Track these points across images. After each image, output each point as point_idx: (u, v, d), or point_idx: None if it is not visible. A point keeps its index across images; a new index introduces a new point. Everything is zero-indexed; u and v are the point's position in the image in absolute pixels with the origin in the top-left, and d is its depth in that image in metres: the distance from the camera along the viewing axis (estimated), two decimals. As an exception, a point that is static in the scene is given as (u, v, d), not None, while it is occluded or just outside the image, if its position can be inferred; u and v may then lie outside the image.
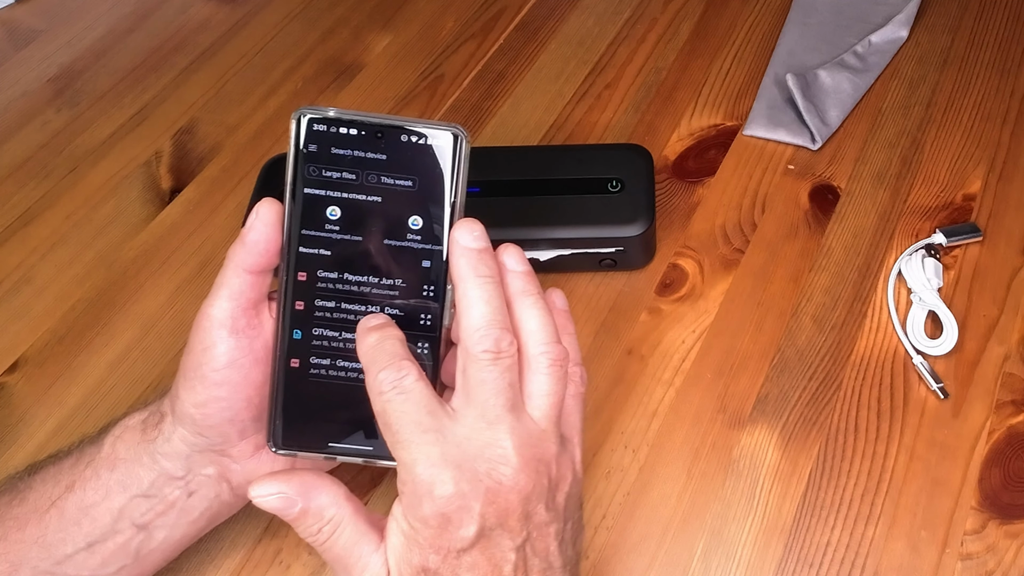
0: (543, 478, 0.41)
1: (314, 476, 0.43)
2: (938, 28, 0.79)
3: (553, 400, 0.42)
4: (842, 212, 0.67)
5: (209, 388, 0.43)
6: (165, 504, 0.45)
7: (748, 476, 0.55)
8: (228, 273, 0.43)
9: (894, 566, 0.51)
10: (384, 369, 0.40)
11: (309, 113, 0.42)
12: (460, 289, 0.42)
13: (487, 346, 0.40)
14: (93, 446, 0.46)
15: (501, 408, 0.40)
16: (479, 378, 0.40)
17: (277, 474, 0.43)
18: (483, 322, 0.41)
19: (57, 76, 0.84)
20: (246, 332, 0.43)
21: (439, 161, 0.43)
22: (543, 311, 0.43)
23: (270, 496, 0.42)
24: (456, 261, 0.42)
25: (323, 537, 0.42)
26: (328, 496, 0.42)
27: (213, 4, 0.90)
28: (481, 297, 0.41)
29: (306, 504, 0.42)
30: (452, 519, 0.39)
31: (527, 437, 0.41)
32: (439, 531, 0.39)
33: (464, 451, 0.40)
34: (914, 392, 0.58)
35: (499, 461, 0.40)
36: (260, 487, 0.42)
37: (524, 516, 0.40)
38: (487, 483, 0.40)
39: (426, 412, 0.40)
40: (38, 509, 0.45)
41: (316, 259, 0.43)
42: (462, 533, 0.39)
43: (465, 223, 0.43)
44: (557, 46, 0.82)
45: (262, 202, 0.43)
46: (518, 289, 0.43)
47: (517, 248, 0.44)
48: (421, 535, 0.40)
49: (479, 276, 0.42)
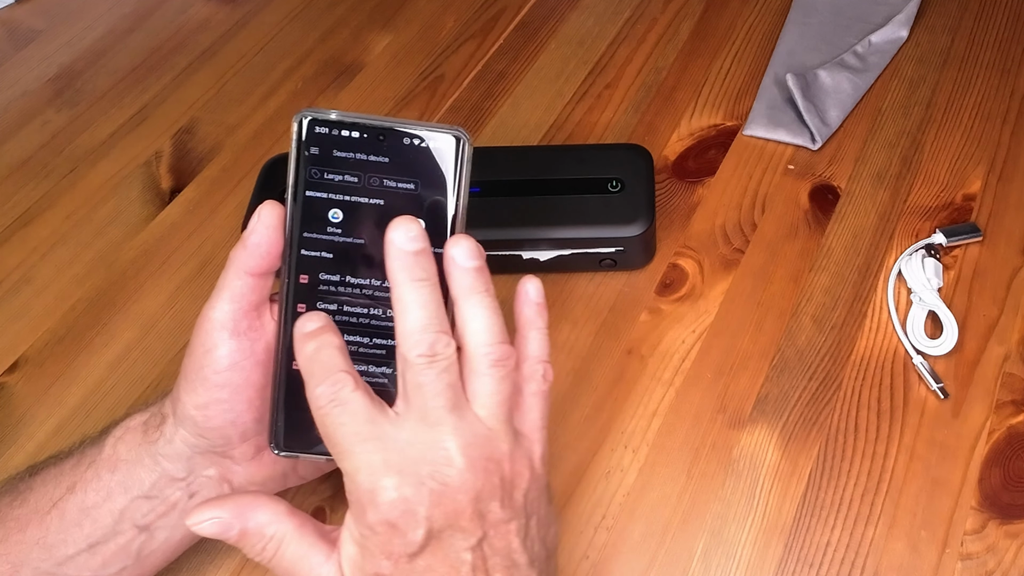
0: (493, 476, 0.41)
1: (251, 497, 0.43)
2: (938, 28, 0.79)
3: (499, 399, 0.41)
4: (842, 212, 0.67)
5: (210, 390, 0.43)
6: (166, 505, 0.45)
7: (748, 476, 0.55)
8: (230, 275, 0.43)
9: (894, 566, 0.51)
10: (320, 384, 0.40)
11: (311, 115, 0.42)
12: (395, 293, 0.40)
13: (422, 350, 0.39)
14: (94, 447, 0.46)
15: (441, 410, 0.40)
16: (416, 382, 0.40)
17: (212, 500, 0.42)
18: (417, 326, 0.40)
19: (57, 76, 0.84)
20: (248, 334, 0.43)
21: (441, 164, 0.43)
22: (488, 309, 0.42)
23: (205, 523, 0.42)
24: (391, 264, 0.40)
25: (268, 554, 0.42)
26: (267, 514, 0.42)
27: (213, 4, 0.90)
28: (416, 301, 0.40)
29: (243, 525, 0.42)
30: (398, 525, 0.39)
31: (472, 437, 0.40)
32: (387, 537, 0.39)
33: (406, 456, 0.39)
34: (914, 392, 0.58)
35: (442, 463, 0.39)
36: (195, 515, 0.42)
37: (477, 515, 0.40)
38: (431, 486, 0.39)
39: (364, 421, 0.40)
40: (39, 510, 0.45)
41: (318, 262, 0.43)
42: (410, 537, 0.39)
43: (402, 224, 0.41)
44: (557, 46, 0.82)
45: (264, 204, 0.43)
46: (465, 286, 0.41)
47: (470, 240, 0.42)
48: (371, 542, 0.40)
49: (414, 280, 0.40)
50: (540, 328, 0.45)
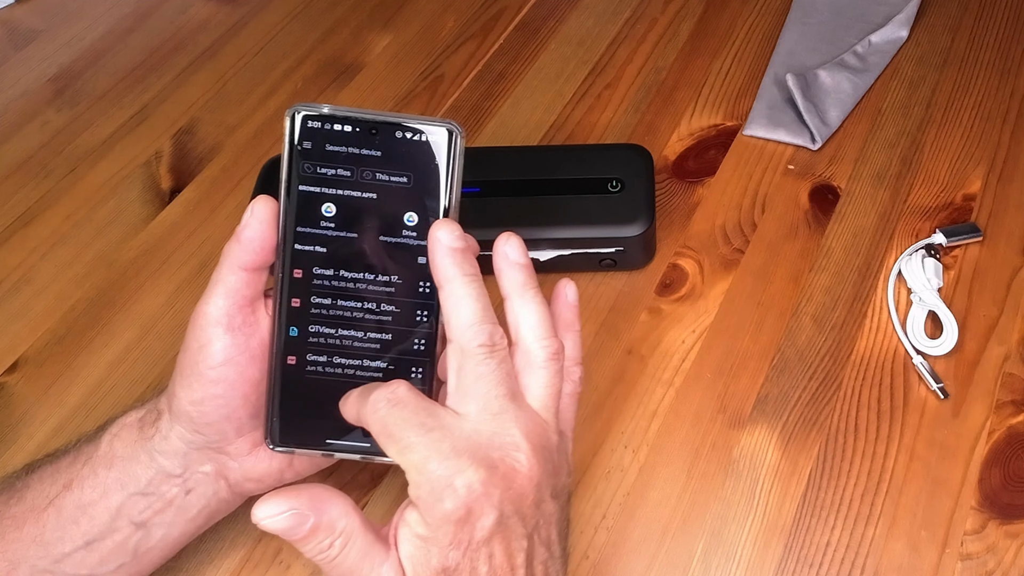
0: (549, 465, 0.41)
1: (321, 488, 0.40)
2: (938, 28, 0.79)
3: (551, 392, 0.42)
4: (842, 212, 0.67)
5: (206, 386, 0.43)
6: (163, 502, 0.45)
7: (748, 476, 0.55)
8: (224, 271, 0.43)
9: (894, 566, 0.51)
10: (374, 391, 0.40)
11: (303, 110, 0.42)
12: (448, 289, 0.41)
13: (482, 340, 0.40)
14: (90, 444, 0.46)
15: (503, 398, 0.40)
16: (477, 372, 0.40)
17: (282, 491, 0.39)
18: (475, 318, 0.41)
19: (57, 76, 0.84)
20: (242, 329, 0.43)
21: (434, 157, 0.43)
22: (541, 305, 0.43)
23: (280, 515, 0.38)
24: (441, 261, 0.41)
25: (334, 552, 0.39)
26: (338, 508, 0.40)
27: (213, 4, 0.90)
28: (470, 295, 0.41)
29: (318, 519, 0.39)
30: (473, 510, 0.39)
31: (532, 425, 0.41)
32: (460, 525, 0.39)
33: (474, 443, 0.39)
34: (914, 392, 0.58)
35: (511, 448, 0.40)
36: (267, 507, 0.39)
37: (535, 503, 0.41)
38: (503, 469, 0.39)
39: (426, 414, 0.40)
40: (36, 508, 0.45)
41: (312, 256, 0.43)
42: (483, 523, 0.39)
43: (444, 224, 0.42)
44: (557, 46, 0.82)
45: (257, 199, 0.43)
46: (518, 282, 0.43)
47: (518, 239, 0.44)
48: (441, 533, 0.39)
49: (465, 275, 0.41)
50: (576, 331, 0.47)
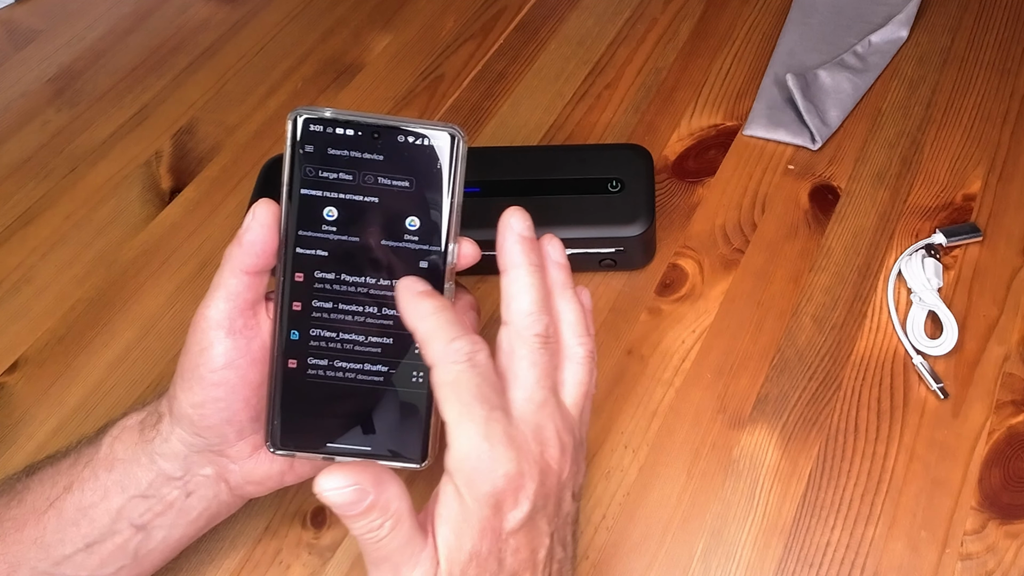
0: (572, 464, 0.42)
1: (381, 468, 0.39)
2: (938, 28, 0.79)
3: (584, 390, 0.43)
4: (842, 212, 0.67)
5: (206, 389, 0.43)
6: (163, 504, 0.45)
7: (748, 476, 0.55)
8: (225, 274, 0.43)
9: (894, 566, 0.51)
10: (459, 339, 0.39)
11: (305, 113, 0.42)
12: (513, 274, 0.42)
13: (539, 330, 0.41)
14: (91, 447, 0.46)
15: (548, 391, 0.41)
16: (531, 360, 0.41)
17: (343, 466, 0.38)
18: (535, 307, 0.42)
19: (57, 76, 0.84)
20: (243, 333, 0.43)
21: (436, 161, 0.43)
22: (579, 305, 0.44)
23: (345, 489, 0.37)
24: (511, 247, 0.42)
25: (383, 533, 0.38)
26: (395, 489, 0.39)
27: (213, 4, 0.90)
28: (533, 284, 0.42)
29: (377, 497, 0.38)
30: (507, 499, 0.39)
31: (563, 423, 0.42)
32: (495, 511, 0.39)
33: (521, 432, 0.40)
34: (914, 392, 0.58)
35: (548, 444, 0.40)
36: (330, 479, 0.37)
37: (559, 502, 0.41)
38: (540, 464, 0.40)
39: (493, 390, 0.40)
40: (36, 510, 0.45)
41: (313, 260, 0.43)
42: (515, 514, 0.39)
43: (517, 212, 0.43)
44: (557, 46, 0.82)
45: (258, 203, 0.43)
46: (560, 281, 0.44)
47: (559, 241, 0.45)
48: (475, 516, 0.38)
49: (531, 264, 0.42)
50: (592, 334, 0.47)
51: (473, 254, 0.45)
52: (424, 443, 0.45)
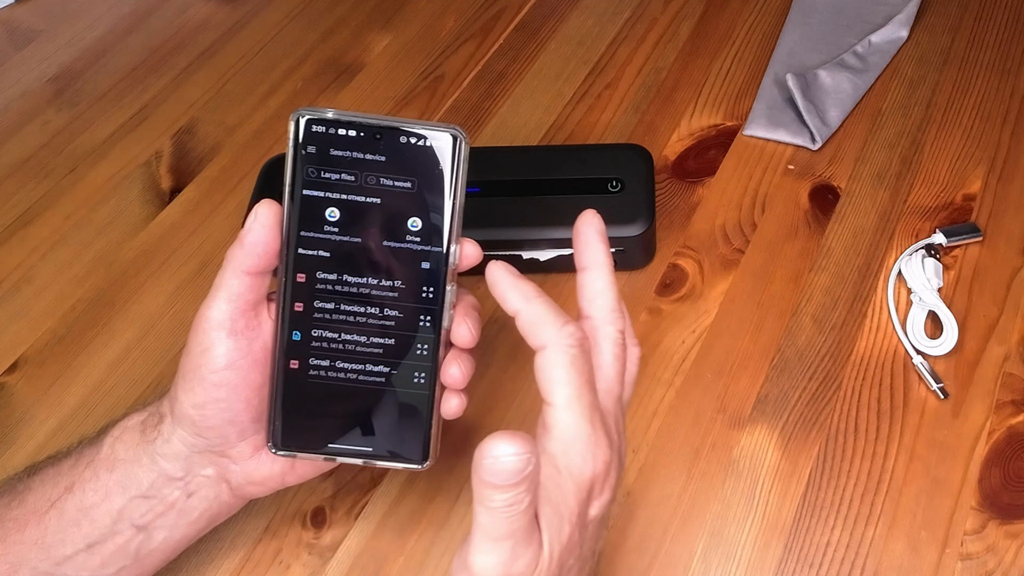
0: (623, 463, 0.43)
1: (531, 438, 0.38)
2: (938, 28, 0.79)
3: (631, 391, 0.44)
4: (842, 212, 0.67)
5: (208, 389, 0.43)
6: (164, 505, 0.45)
7: (748, 476, 0.55)
8: (227, 275, 0.43)
9: (894, 566, 0.51)
10: (569, 323, 0.40)
11: (307, 114, 0.42)
12: (597, 271, 0.42)
13: (621, 327, 0.42)
14: (92, 447, 0.46)
15: (620, 387, 0.42)
16: (615, 354, 0.41)
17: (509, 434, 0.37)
18: (618, 305, 0.42)
19: (57, 76, 0.84)
20: (245, 333, 0.43)
21: (438, 162, 0.43)
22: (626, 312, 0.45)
23: (517, 456, 0.36)
24: (596, 245, 0.43)
25: (522, 507, 0.37)
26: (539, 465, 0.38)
27: (213, 4, 0.90)
28: (612, 283, 0.43)
29: (536, 467, 0.37)
30: (597, 486, 0.39)
31: (623, 419, 0.42)
32: (587, 496, 0.39)
33: (606, 423, 0.40)
34: (914, 392, 0.58)
35: (622, 437, 0.42)
36: (501, 446, 0.36)
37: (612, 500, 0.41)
38: (617, 457, 0.40)
39: (590, 374, 0.40)
40: (37, 510, 0.45)
41: (315, 260, 0.43)
42: (600, 501, 0.39)
43: (596, 214, 0.44)
44: (557, 46, 0.82)
45: (260, 203, 0.43)
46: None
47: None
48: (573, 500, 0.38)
49: (610, 264, 0.43)
50: None
51: (475, 255, 0.45)
52: (425, 444, 0.45)
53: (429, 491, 0.56)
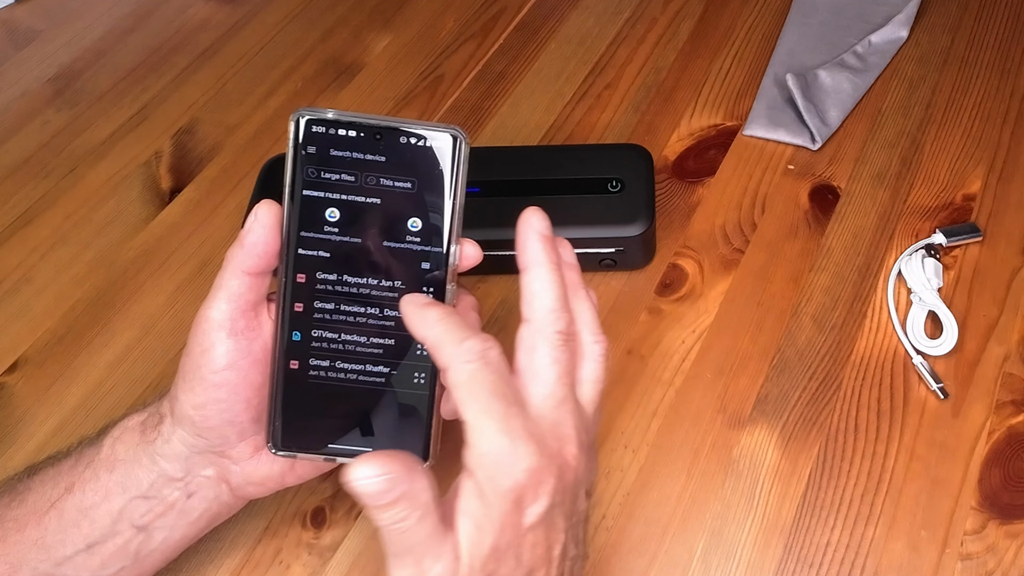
0: (591, 463, 0.42)
1: (412, 457, 0.39)
2: (938, 28, 0.79)
3: (599, 388, 0.44)
4: (842, 212, 0.67)
5: (208, 390, 0.43)
6: (164, 505, 0.45)
7: (748, 476, 0.55)
8: (227, 275, 0.43)
9: (894, 566, 0.51)
10: (470, 338, 0.39)
11: (308, 115, 0.42)
12: (535, 272, 0.42)
13: (561, 327, 0.41)
14: (92, 447, 0.46)
15: (567, 388, 0.41)
16: (553, 356, 0.41)
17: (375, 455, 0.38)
18: (557, 305, 0.42)
19: (57, 76, 0.84)
20: (245, 334, 0.43)
21: (438, 163, 0.43)
22: (592, 304, 0.45)
23: (377, 478, 0.37)
24: (533, 245, 0.43)
25: (409, 524, 0.38)
26: (423, 480, 0.38)
27: (213, 4, 0.90)
28: (554, 281, 0.42)
29: (408, 487, 0.37)
30: (528, 494, 0.39)
31: (580, 420, 0.42)
32: (515, 505, 0.38)
33: (539, 427, 0.40)
34: (914, 392, 0.58)
35: (567, 440, 0.40)
36: (362, 468, 0.37)
37: (574, 498, 0.41)
38: (558, 460, 0.40)
39: (507, 384, 0.40)
40: (37, 511, 0.45)
41: (315, 261, 0.43)
42: (535, 508, 0.39)
43: (537, 211, 0.43)
44: (557, 46, 0.82)
45: (260, 204, 0.43)
46: (573, 281, 0.44)
47: (569, 243, 0.46)
48: (495, 510, 0.38)
49: (551, 263, 0.42)
50: None
51: (475, 255, 0.45)
52: (426, 444, 0.45)
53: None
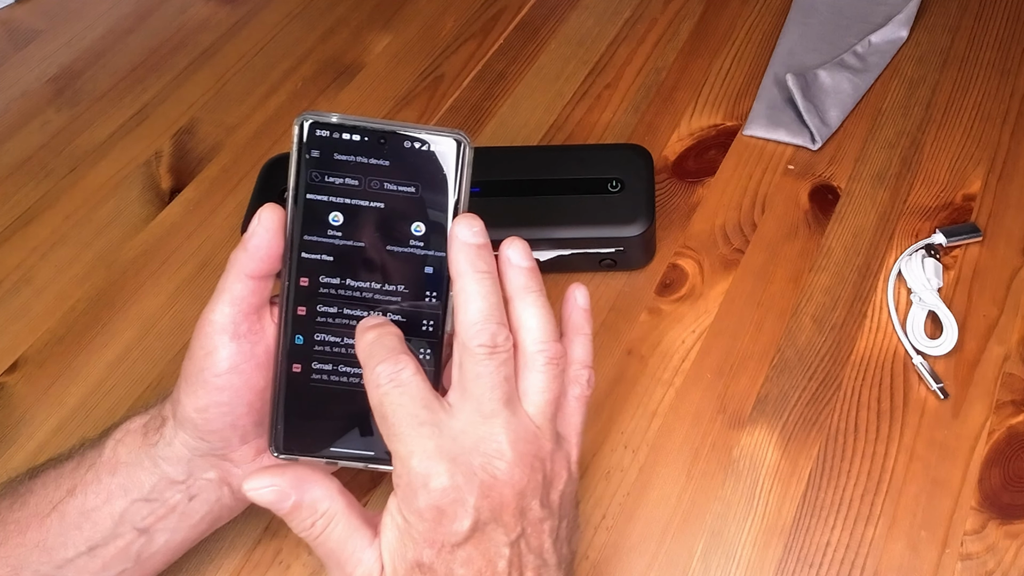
0: (538, 474, 0.41)
1: (307, 470, 0.43)
2: (938, 28, 0.79)
3: (548, 397, 0.43)
4: (842, 212, 0.67)
5: (210, 393, 0.43)
6: (166, 508, 0.45)
7: (748, 476, 0.55)
8: (230, 278, 0.43)
9: (894, 566, 0.51)
10: (382, 363, 0.40)
11: (312, 118, 0.42)
12: (458, 284, 0.42)
13: (483, 340, 0.41)
14: (94, 450, 0.46)
15: (496, 402, 0.41)
16: (475, 372, 0.41)
17: (270, 468, 0.43)
18: (480, 316, 0.41)
19: (57, 76, 0.84)
20: (248, 337, 0.43)
21: (442, 167, 0.43)
22: (542, 308, 0.43)
23: (264, 489, 0.42)
24: (455, 256, 0.42)
25: (316, 531, 0.42)
26: (321, 489, 0.42)
27: (213, 4, 0.90)
28: (478, 292, 0.41)
29: (299, 497, 0.42)
30: (447, 512, 0.39)
31: (522, 432, 0.41)
32: (434, 524, 0.39)
33: (460, 444, 0.40)
34: (914, 392, 0.58)
35: (494, 455, 0.40)
36: (254, 480, 0.42)
37: (518, 511, 0.41)
38: (482, 476, 0.40)
39: (422, 406, 0.40)
40: (39, 513, 0.45)
41: (318, 264, 0.43)
42: (456, 527, 0.39)
43: (465, 219, 0.43)
44: (557, 46, 0.82)
45: (264, 207, 0.43)
46: (519, 285, 0.43)
47: (523, 242, 0.44)
48: (415, 529, 0.40)
49: (477, 272, 0.42)
50: (587, 334, 0.47)
51: None
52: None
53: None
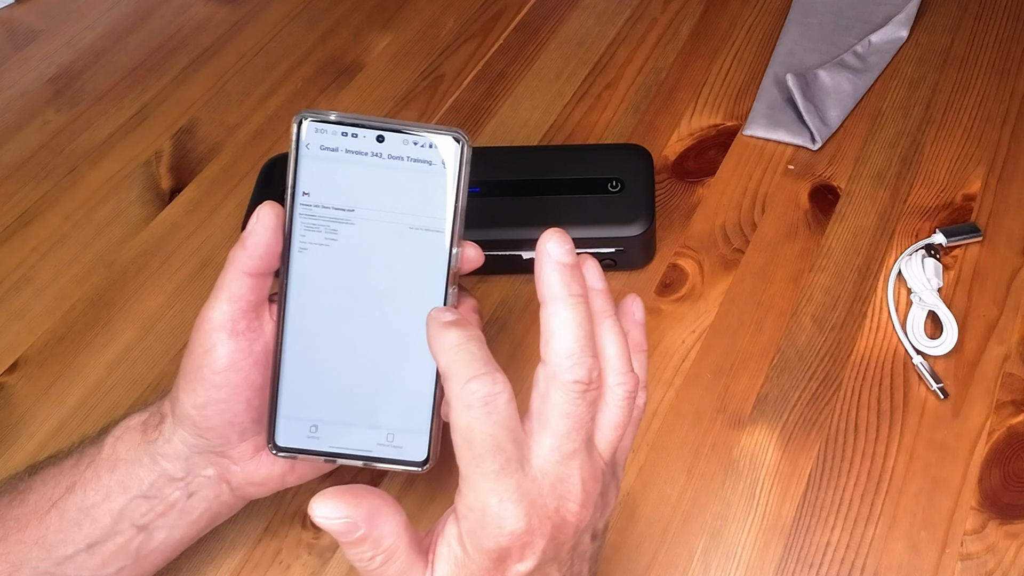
0: (596, 511, 0.40)
1: (380, 501, 0.38)
2: (938, 28, 0.79)
3: (619, 433, 0.40)
4: (842, 212, 0.67)
5: (209, 390, 0.43)
6: (165, 505, 0.45)
7: (748, 476, 0.55)
8: (228, 276, 0.43)
9: (894, 566, 0.51)
10: (476, 379, 0.36)
11: (310, 116, 0.42)
12: (551, 308, 0.38)
13: (579, 376, 0.37)
14: (93, 447, 0.46)
15: (580, 442, 0.38)
16: (565, 409, 0.37)
17: (343, 494, 0.37)
18: (576, 347, 0.37)
19: (57, 76, 0.84)
20: (246, 335, 0.43)
21: (441, 166, 0.43)
22: (620, 335, 0.40)
23: (336, 520, 0.36)
24: (548, 277, 0.38)
25: (373, 565, 0.37)
26: (390, 525, 0.37)
27: (213, 4, 0.90)
28: (574, 319, 0.38)
29: (368, 532, 0.37)
30: (513, 554, 0.37)
31: (592, 472, 0.39)
32: (497, 563, 0.37)
33: (538, 486, 0.37)
34: (914, 392, 0.58)
35: (569, 498, 0.38)
36: (325, 507, 0.36)
37: (573, 547, 0.39)
38: (554, 520, 0.37)
39: (511, 439, 0.36)
40: (38, 510, 0.45)
41: (317, 262, 0.43)
42: (519, 567, 0.37)
43: (555, 235, 0.39)
44: (557, 46, 0.82)
45: (263, 205, 0.43)
46: (600, 309, 0.40)
47: (596, 262, 0.42)
48: (476, 564, 0.37)
49: (572, 296, 0.38)
50: (644, 351, 0.44)
51: (476, 258, 0.45)
52: (426, 446, 0.45)
53: (428, 492, 0.56)
